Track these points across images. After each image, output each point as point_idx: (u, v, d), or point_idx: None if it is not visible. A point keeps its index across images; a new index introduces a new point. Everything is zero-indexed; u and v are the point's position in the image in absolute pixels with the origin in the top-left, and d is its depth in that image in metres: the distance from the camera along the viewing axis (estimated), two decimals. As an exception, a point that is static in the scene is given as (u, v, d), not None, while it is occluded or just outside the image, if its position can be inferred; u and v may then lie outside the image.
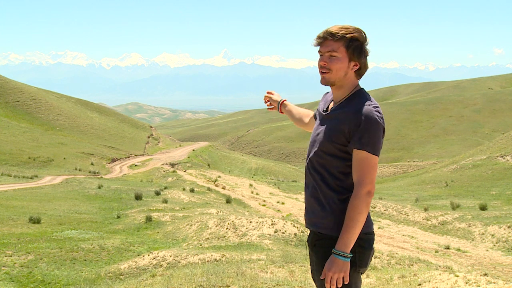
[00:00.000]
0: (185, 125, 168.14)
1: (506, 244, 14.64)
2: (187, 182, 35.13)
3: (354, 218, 2.34)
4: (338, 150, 2.44)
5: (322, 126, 2.58)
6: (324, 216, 2.48)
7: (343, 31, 2.43)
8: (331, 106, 2.63)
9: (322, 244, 2.49)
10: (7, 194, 23.94)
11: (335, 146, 2.44)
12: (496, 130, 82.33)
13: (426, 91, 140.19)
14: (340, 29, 2.44)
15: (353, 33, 2.43)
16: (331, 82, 2.50)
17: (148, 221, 17.49)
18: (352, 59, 2.45)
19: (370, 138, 2.35)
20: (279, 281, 6.04)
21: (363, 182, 2.35)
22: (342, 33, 2.43)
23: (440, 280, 6.06)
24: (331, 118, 2.54)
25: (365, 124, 2.35)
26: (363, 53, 2.46)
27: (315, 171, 2.52)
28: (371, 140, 2.35)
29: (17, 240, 13.24)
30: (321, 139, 2.52)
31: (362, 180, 2.35)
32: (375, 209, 22.16)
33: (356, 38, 2.44)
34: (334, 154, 2.45)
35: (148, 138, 75.96)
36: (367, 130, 2.35)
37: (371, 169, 2.36)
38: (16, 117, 62.12)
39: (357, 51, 2.44)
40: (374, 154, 2.36)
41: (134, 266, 10.24)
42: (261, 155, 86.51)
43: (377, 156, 2.38)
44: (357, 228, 2.35)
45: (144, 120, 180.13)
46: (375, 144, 2.35)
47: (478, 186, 28.57)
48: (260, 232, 13.84)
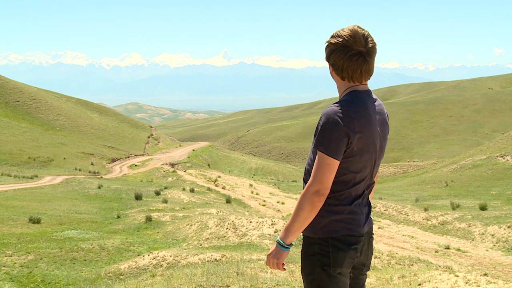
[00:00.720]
0: (185, 125, 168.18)
1: (506, 244, 14.64)
2: (187, 182, 35.14)
3: (296, 212, 2.41)
4: (311, 153, 2.53)
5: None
6: None
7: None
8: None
9: (303, 243, 2.58)
10: (7, 194, 23.94)
11: (313, 149, 2.51)
12: (496, 130, 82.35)
13: (426, 91, 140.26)
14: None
15: (328, 40, 2.51)
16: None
17: (148, 221, 17.49)
18: (329, 63, 2.53)
19: (324, 138, 2.38)
20: (279, 281, 6.05)
21: (312, 181, 2.38)
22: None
23: (440, 280, 6.06)
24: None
25: (321, 125, 2.40)
26: (332, 53, 2.48)
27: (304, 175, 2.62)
28: (325, 141, 2.38)
29: (17, 240, 13.24)
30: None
31: (312, 179, 2.39)
32: (375, 209, 22.16)
33: (330, 42, 2.49)
34: (311, 158, 2.52)
35: (148, 138, 75.97)
36: (321, 131, 2.40)
37: (323, 169, 2.38)
38: (16, 117, 62.12)
39: (327, 53, 2.51)
40: (327, 155, 2.37)
41: (134, 266, 10.24)
42: (261, 155, 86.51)
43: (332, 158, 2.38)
44: (296, 222, 2.40)
45: (144, 120, 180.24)
46: (329, 144, 2.37)
47: (478, 186, 28.58)
48: (260, 232, 13.85)
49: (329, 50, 2.49)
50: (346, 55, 2.44)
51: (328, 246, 2.48)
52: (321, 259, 2.49)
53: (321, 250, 2.49)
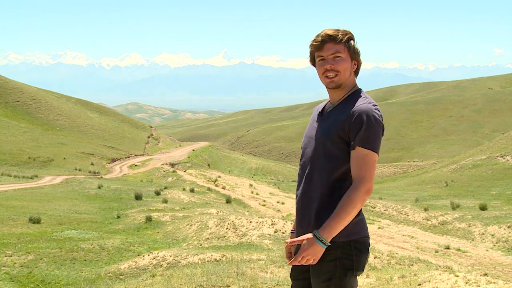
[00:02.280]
0: (185, 125, 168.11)
1: (506, 244, 14.63)
2: (187, 182, 35.12)
3: (347, 210, 2.34)
4: (337, 148, 2.46)
5: (320, 126, 2.60)
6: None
7: (340, 33, 2.49)
8: (327, 106, 2.66)
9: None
10: (7, 194, 23.93)
11: (334, 144, 2.46)
12: (496, 130, 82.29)
13: (426, 91, 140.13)
14: (336, 31, 2.50)
15: (348, 33, 2.51)
16: (340, 83, 2.52)
17: (148, 221, 17.48)
18: (353, 58, 2.51)
19: (371, 136, 2.38)
20: (279, 281, 6.05)
21: (363, 178, 2.36)
22: (341, 35, 2.48)
23: (440, 280, 6.06)
24: (330, 118, 2.56)
25: (366, 122, 2.38)
26: (358, 52, 2.54)
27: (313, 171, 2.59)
28: (372, 138, 2.38)
29: (17, 240, 13.24)
30: (320, 138, 2.54)
31: (362, 177, 2.36)
32: (375, 209, 22.16)
33: (352, 38, 2.52)
34: (333, 153, 2.48)
35: (148, 138, 75.92)
36: (367, 128, 2.38)
37: (371, 167, 2.38)
38: (16, 117, 62.09)
39: (355, 50, 2.51)
40: (374, 152, 2.39)
41: (134, 266, 10.24)
42: (261, 155, 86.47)
43: (377, 154, 2.41)
44: (345, 220, 2.35)
45: (144, 120, 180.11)
46: (375, 141, 2.39)
47: (478, 186, 28.57)
48: (260, 232, 13.85)
49: (355, 47, 2.53)
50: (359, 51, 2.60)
51: (351, 249, 2.43)
52: (344, 263, 2.44)
53: (343, 254, 2.44)
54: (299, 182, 2.63)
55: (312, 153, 2.55)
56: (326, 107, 2.66)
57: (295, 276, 2.69)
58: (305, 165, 2.59)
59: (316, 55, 2.54)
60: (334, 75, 2.49)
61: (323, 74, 2.52)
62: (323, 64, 2.51)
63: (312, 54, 2.57)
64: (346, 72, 2.50)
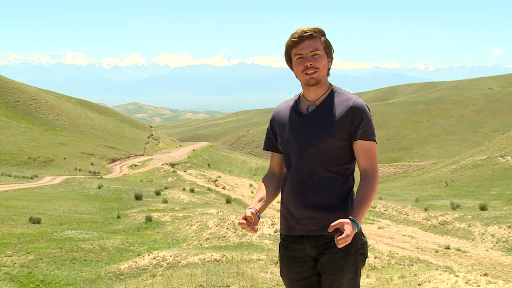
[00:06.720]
0: (185, 125, 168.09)
1: (506, 244, 14.63)
2: (187, 182, 35.12)
3: (371, 196, 2.49)
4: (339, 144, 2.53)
5: (309, 125, 2.56)
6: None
7: (316, 30, 2.55)
8: (305, 106, 2.62)
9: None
10: (7, 194, 23.94)
11: (335, 140, 2.51)
12: (496, 130, 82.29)
13: (426, 91, 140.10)
14: (313, 29, 2.55)
15: (322, 31, 2.58)
16: (319, 80, 2.56)
17: (148, 221, 17.48)
18: (329, 55, 2.58)
19: (371, 128, 2.53)
20: (279, 281, 6.04)
21: (375, 167, 2.54)
22: (317, 32, 2.55)
23: (440, 280, 6.06)
24: (319, 116, 2.56)
25: (366, 116, 2.51)
26: (333, 50, 2.61)
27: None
28: (372, 130, 2.54)
29: (17, 240, 13.24)
30: (318, 137, 2.52)
31: (374, 166, 2.53)
32: (375, 209, 22.16)
33: (325, 35, 2.59)
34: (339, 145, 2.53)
35: (148, 138, 75.92)
36: (368, 122, 2.51)
37: (376, 156, 2.57)
38: (16, 117, 62.10)
39: (330, 48, 2.59)
40: (375, 142, 2.57)
41: (134, 266, 10.24)
42: (261, 155, 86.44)
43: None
44: (370, 205, 2.53)
45: (144, 120, 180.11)
46: (374, 133, 2.56)
47: (478, 186, 28.57)
48: (260, 232, 13.85)
49: (330, 45, 2.60)
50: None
51: (363, 238, 2.56)
52: (362, 254, 2.55)
53: (360, 245, 2.54)
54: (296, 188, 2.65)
55: (311, 153, 2.52)
56: (304, 106, 2.62)
57: (294, 278, 2.73)
58: (303, 168, 2.54)
59: (293, 53, 2.56)
60: (313, 71, 2.52)
61: (303, 72, 2.54)
62: (302, 62, 2.53)
63: (288, 53, 2.58)
64: (324, 69, 2.55)
